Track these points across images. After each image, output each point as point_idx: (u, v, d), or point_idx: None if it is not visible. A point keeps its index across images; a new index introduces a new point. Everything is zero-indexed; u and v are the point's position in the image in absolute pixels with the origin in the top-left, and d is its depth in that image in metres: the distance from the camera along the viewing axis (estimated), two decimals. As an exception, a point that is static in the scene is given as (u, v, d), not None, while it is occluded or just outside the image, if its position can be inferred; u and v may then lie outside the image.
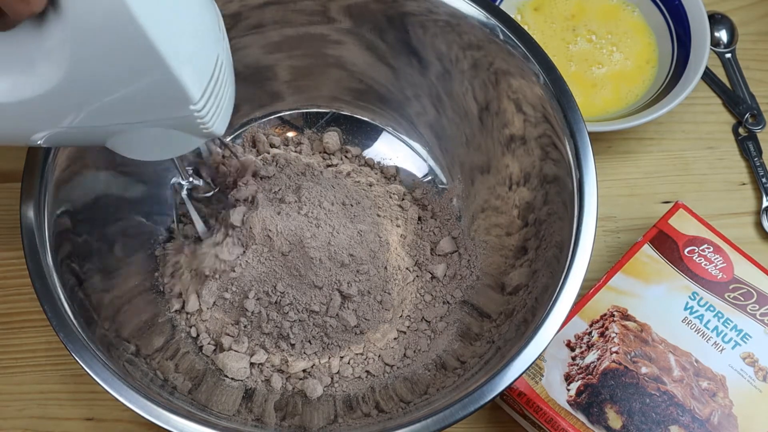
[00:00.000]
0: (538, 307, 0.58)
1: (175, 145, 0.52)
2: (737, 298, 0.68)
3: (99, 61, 0.44)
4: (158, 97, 0.46)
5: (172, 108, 0.47)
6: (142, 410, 0.53)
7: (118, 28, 0.42)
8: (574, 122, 0.59)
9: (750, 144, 0.79)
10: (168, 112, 0.47)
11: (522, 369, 0.54)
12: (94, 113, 0.47)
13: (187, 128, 0.49)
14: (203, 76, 0.47)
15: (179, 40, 0.44)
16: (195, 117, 0.47)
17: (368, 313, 0.66)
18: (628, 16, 0.82)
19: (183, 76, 0.45)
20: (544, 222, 0.63)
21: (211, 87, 0.48)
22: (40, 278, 0.55)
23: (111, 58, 0.43)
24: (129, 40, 0.42)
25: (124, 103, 0.46)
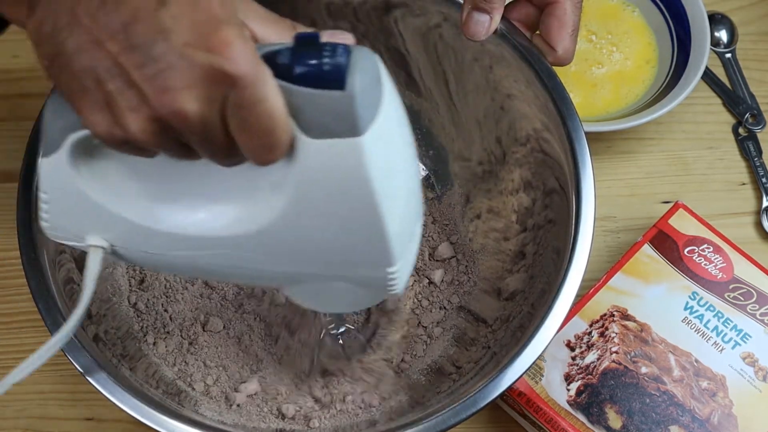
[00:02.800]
0: (534, 313, 0.58)
1: (353, 301, 0.53)
2: (737, 298, 0.68)
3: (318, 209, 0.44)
4: (362, 254, 0.46)
5: (370, 267, 0.47)
6: (134, 411, 0.53)
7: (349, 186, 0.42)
8: (573, 129, 0.59)
9: (750, 144, 0.79)
10: (365, 270, 0.48)
11: (519, 372, 0.54)
12: (295, 259, 0.48)
13: (374, 288, 0.50)
14: (405, 241, 0.47)
15: (396, 203, 0.45)
16: (387, 279, 0.48)
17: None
18: (628, 16, 0.82)
19: (392, 239, 0.45)
20: (542, 227, 0.63)
21: (407, 251, 0.48)
22: (35, 278, 0.55)
23: (331, 208, 0.44)
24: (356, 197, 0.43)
25: (327, 254, 0.47)
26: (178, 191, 0.47)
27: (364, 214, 0.43)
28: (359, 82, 0.40)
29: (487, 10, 0.59)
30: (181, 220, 0.47)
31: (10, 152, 0.74)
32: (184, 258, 0.49)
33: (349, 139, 0.40)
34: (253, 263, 0.48)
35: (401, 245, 0.47)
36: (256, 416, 0.62)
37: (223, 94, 0.39)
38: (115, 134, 0.41)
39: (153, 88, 0.39)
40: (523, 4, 0.62)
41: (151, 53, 0.38)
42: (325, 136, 0.41)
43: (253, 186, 0.45)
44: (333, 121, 0.40)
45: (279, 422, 0.62)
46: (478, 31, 0.60)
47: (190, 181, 0.46)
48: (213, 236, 0.46)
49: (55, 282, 0.57)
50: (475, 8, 0.59)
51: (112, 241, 0.48)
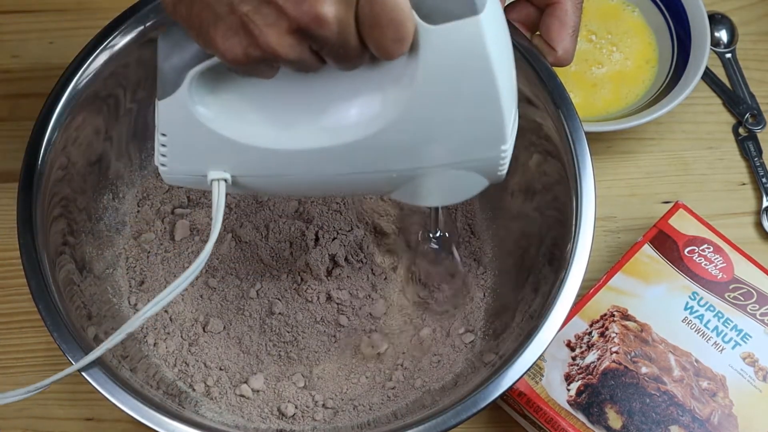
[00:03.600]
0: (534, 314, 0.58)
1: (464, 190, 0.54)
2: (737, 298, 0.68)
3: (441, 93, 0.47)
4: (481, 135, 0.49)
5: (487, 147, 0.50)
6: (134, 412, 0.53)
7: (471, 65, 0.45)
8: (573, 129, 0.59)
9: (750, 144, 0.79)
10: (482, 151, 0.50)
11: (520, 373, 0.54)
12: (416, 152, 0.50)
13: (486, 170, 0.52)
14: (513, 117, 0.50)
15: (508, 80, 0.48)
16: (500, 158, 0.50)
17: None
18: (628, 16, 0.82)
19: (507, 116, 0.48)
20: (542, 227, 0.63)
21: (515, 130, 0.51)
22: (36, 278, 0.55)
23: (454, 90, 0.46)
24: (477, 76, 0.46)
25: (448, 141, 0.49)
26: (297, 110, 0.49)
27: (484, 91, 0.46)
28: None
29: None
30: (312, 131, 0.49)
31: (10, 152, 0.74)
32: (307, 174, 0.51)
33: (470, 19, 0.44)
34: (374, 165, 0.50)
35: (511, 122, 0.49)
36: (256, 416, 0.62)
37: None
38: (252, 54, 0.43)
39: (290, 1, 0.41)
40: (523, 4, 0.62)
41: None
42: (446, 19, 0.44)
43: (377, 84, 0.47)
44: (453, 4, 0.43)
45: (279, 422, 0.62)
46: None
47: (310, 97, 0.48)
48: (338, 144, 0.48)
49: (55, 282, 0.57)
50: None
51: (233, 171, 0.50)
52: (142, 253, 0.68)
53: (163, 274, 0.67)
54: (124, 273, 0.67)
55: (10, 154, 0.74)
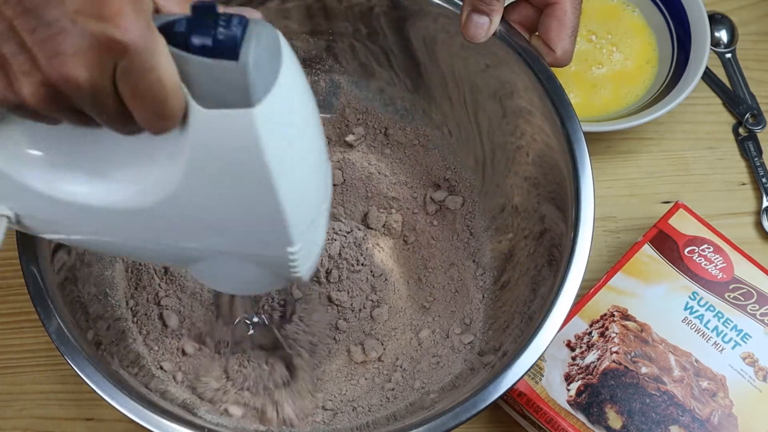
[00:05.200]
0: (534, 315, 0.58)
1: (257, 283, 0.52)
2: (737, 298, 0.68)
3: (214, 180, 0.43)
4: (260, 231, 0.46)
5: (269, 245, 0.47)
6: (133, 414, 0.53)
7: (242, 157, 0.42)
8: (572, 131, 0.59)
9: (750, 144, 0.79)
10: (265, 249, 0.47)
11: (519, 374, 0.54)
12: (194, 233, 0.47)
13: (277, 269, 0.49)
14: (306, 220, 0.47)
15: (295, 179, 0.44)
16: (288, 260, 0.47)
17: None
18: (628, 16, 0.82)
19: (289, 216, 0.44)
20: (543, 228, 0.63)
21: (310, 233, 0.47)
22: (34, 279, 0.55)
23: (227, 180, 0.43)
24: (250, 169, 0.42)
25: (225, 229, 0.46)
26: (78, 160, 0.46)
27: (258, 188, 0.43)
28: (254, 53, 0.39)
29: (487, 12, 0.59)
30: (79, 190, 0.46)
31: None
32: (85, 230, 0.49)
33: (242, 110, 0.40)
34: (152, 237, 0.48)
35: (301, 224, 0.46)
36: (254, 419, 0.62)
37: (114, 61, 0.39)
38: (9, 98, 0.41)
39: (44, 53, 0.39)
40: (523, 5, 0.62)
41: (44, 18, 0.38)
42: (218, 106, 0.40)
43: (151, 156, 0.44)
44: (226, 91, 0.40)
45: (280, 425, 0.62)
46: (477, 34, 0.60)
47: (89, 151, 0.46)
48: (110, 208, 0.46)
49: (54, 283, 0.57)
50: (474, 10, 0.59)
51: (17, 210, 0.48)
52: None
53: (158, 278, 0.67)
54: (122, 274, 0.67)
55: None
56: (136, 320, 0.65)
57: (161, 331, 0.65)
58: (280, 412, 0.62)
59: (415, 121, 0.72)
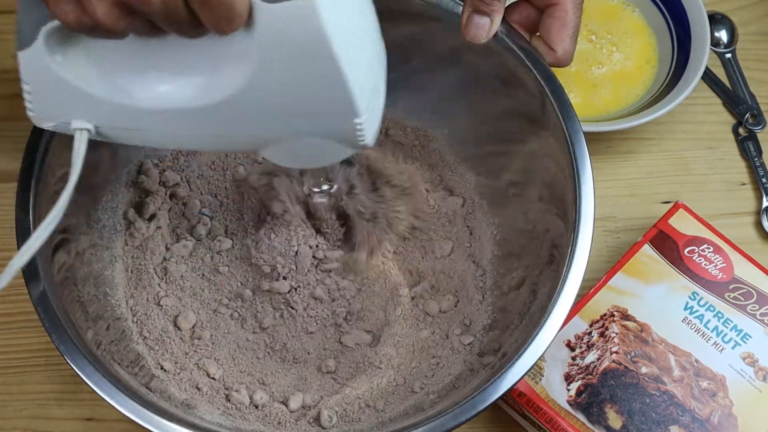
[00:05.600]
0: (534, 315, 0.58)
1: (328, 155, 0.54)
2: (737, 298, 0.68)
3: (283, 71, 0.46)
4: (329, 109, 0.48)
5: (338, 120, 0.49)
6: (132, 414, 0.53)
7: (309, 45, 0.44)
8: (573, 132, 0.59)
9: (750, 144, 0.79)
10: (334, 123, 0.50)
11: (519, 375, 0.54)
12: (266, 121, 0.50)
13: (345, 139, 0.51)
14: (369, 92, 0.49)
15: (357, 58, 0.47)
16: (356, 130, 0.50)
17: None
18: (628, 16, 0.82)
19: (356, 92, 0.47)
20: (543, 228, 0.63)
21: (372, 102, 0.50)
22: (34, 279, 0.55)
23: (295, 69, 0.46)
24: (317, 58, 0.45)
25: (296, 113, 0.49)
26: (147, 68, 0.49)
27: (325, 72, 0.46)
28: None
29: (488, 12, 0.59)
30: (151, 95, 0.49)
31: (10, 152, 0.74)
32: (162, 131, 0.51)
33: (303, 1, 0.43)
34: (226, 129, 0.50)
35: (365, 96, 0.49)
36: (255, 420, 0.62)
37: None
38: (83, 21, 0.43)
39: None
40: (524, 6, 0.62)
41: None
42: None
43: (219, 55, 0.47)
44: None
45: (280, 426, 0.62)
46: (478, 35, 0.60)
47: (158, 58, 0.48)
48: (183, 107, 0.49)
49: (54, 283, 0.57)
50: (475, 11, 0.59)
51: (95, 122, 0.51)
52: (140, 255, 0.68)
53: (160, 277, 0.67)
54: (122, 274, 0.67)
55: (10, 154, 0.74)
56: (136, 320, 0.65)
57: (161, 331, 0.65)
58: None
59: (416, 121, 0.72)
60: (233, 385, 0.64)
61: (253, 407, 0.63)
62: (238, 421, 0.62)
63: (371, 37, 0.50)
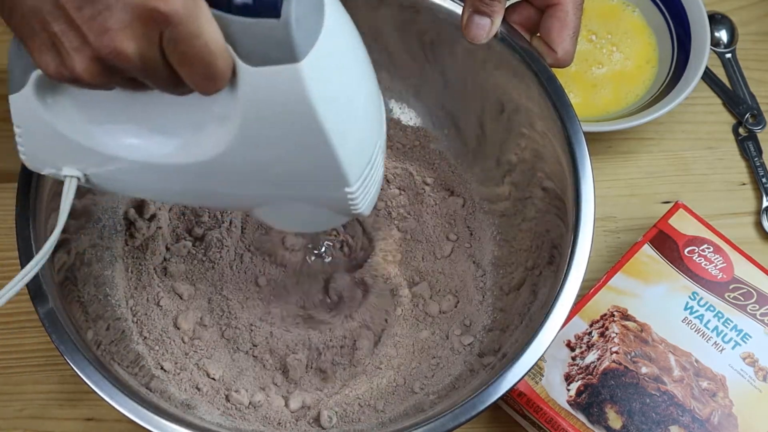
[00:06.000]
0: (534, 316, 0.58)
1: (320, 221, 0.54)
2: (737, 298, 0.68)
3: (267, 136, 0.45)
4: (317, 177, 0.47)
5: (327, 188, 0.48)
6: (132, 414, 0.53)
7: (293, 112, 0.43)
8: (573, 132, 0.59)
9: (750, 144, 0.79)
10: (323, 191, 0.49)
11: (519, 375, 0.54)
12: (252, 184, 0.49)
13: (337, 207, 0.50)
14: (362, 161, 0.48)
15: (347, 125, 0.45)
16: (348, 199, 0.48)
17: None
18: (628, 16, 0.82)
19: (345, 161, 0.46)
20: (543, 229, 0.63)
21: (367, 171, 0.49)
22: (34, 279, 0.55)
23: (280, 135, 0.45)
24: (301, 122, 0.44)
25: (282, 177, 0.48)
26: (134, 121, 0.48)
27: (310, 138, 0.44)
28: (295, 9, 0.40)
29: (488, 13, 0.59)
30: (137, 148, 0.48)
31: (10, 152, 0.74)
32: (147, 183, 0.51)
33: (288, 66, 0.41)
34: (210, 188, 0.50)
35: (357, 166, 0.47)
36: (255, 420, 0.62)
37: (159, 31, 0.40)
38: (64, 74, 0.43)
39: (92, 30, 0.40)
40: (524, 6, 0.62)
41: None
42: (264, 63, 0.42)
43: (204, 114, 0.46)
44: (271, 48, 0.41)
45: (280, 427, 0.62)
46: (478, 35, 0.60)
47: (144, 112, 0.48)
48: (167, 163, 0.48)
49: (54, 283, 0.57)
50: (475, 11, 0.59)
51: (84, 170, 0.51)
52: (140, 255, 0.68)
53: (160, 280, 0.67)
54: (122, 274, 0.67)
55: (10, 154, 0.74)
56: (136, 320, 0.65)
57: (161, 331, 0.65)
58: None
59: (416, 122, 0.72)
60: (233, 385, 0.64)
61: (252, 407, 0.63)
62: (238, 422, 0.62)
63: (366, 99, 0.48)
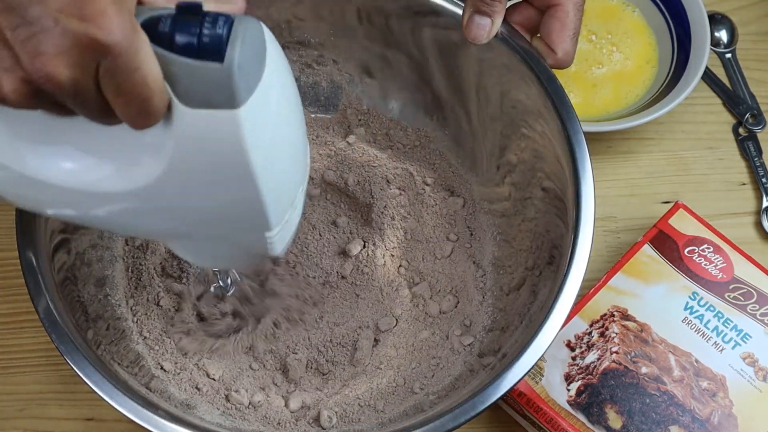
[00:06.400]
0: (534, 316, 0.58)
1: (234, 260, 0.53)
2: (737, 298, 0.68)
3: (196, 174, 0.44)
4: (239, 219, 0.47)
5: (247, 230, 0.48)
6: (132, 414, 0.53)
7: (226, 157, 0.42)
8: (573, 133, 0.59)
9: (750, 144, 0.79)
10: (243, 233, 0.48)
11: (519, 376, 0.54)
12: (174, 219, 0.48)
13: (253, 248, 0.50)
14: (285, 205, 0.48)
15: (275, 172, 0.45)
16: (266, 241, 0.48)
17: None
18: (628, 16, 0.82)
19: (270, 207, 0.45)
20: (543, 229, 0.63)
21: (287, 215, 0.48)
22: (34, 279, 0.55)
23: (208, 175, 0.44)
24: (232, 167, 0.43)
25: (205, 217, 0.47)
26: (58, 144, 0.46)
27: (240, 183, 0.43)
28: (239, 55, 0.39)
29: (489, 13, 0.59)
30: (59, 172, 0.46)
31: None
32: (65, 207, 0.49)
33: (226, 111, 0.40)
34: (129, 218, 0.48)
35: (280, 211, 0.47)
36: (255, 420, 0.62)
37: (96, 61, 0.39)
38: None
39: (26, 51, 0.39)
40: (525, 6, 0.62)
41: (27, 16, 0.38)
42: (202, 106, 0.40)
43: (133, 145, 0.44)
44: (210, 92, 0.40)
45: (280, 427, 0.62)
46: (479, 35, 0.60)
47: (67, 135, 0.46)
48: (89, 190, 0.46)
49: (54, 283, 0.57)
50: (476, 11, 0.59)
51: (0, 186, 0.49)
52: (140, 254, 0.68)
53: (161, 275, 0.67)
54: (122, 274, 0.67)
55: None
56: (136, 320, 0.65)
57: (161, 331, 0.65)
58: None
59: (417, 122, 0.72)
60: (233, 385, 0.64)
61: (252, 407, 0.63)
62: (238, 422, 0.62)
63: (296, 149, 0.47)
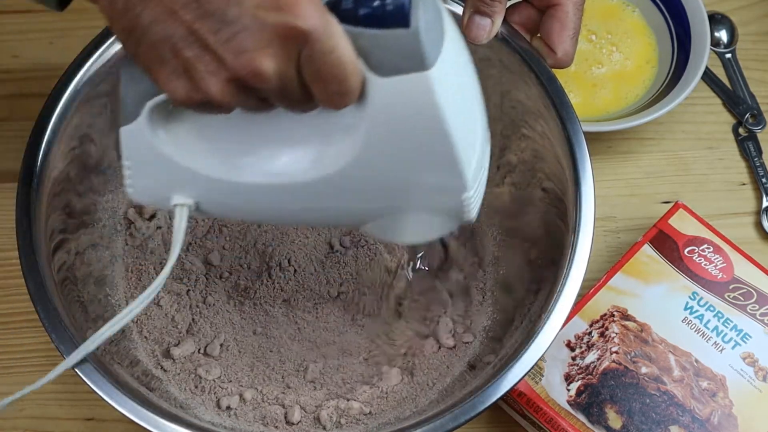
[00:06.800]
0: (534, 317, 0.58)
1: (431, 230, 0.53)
2: (737, 298, 0.68)
3: (393, 144, 0.45)
4: (438, 184, 0.48)
5: (446, 195, 0.49)
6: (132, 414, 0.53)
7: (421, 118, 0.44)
8: (573, 133, 0.59)
9: (750, 144, 0.79)
10: (442, 198, 0.49)
11: (519, 376, 0.54)
12: (373, 195, 0.49)
13: (451, 214, 0.50)
14: (476, 165, 0.49)
15: (466, 131, 0.46)
16: (462, 205, 0.49)
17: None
18: (628, 16, 0.82)
19: (465, 166, 0.47)
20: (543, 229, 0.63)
21: (479, 177, 0.49)
22: (34, 279, 0.55)
23: (405, 142, 0.45)
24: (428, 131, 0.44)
25: (405, 187, 0.48)
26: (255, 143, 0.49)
27: (437, 145, 0.45)
28: (423, 18, 0.41)
29: (489, 13, 0.59)
30: (261, 170, 0.49)
31: (10, 152, 0.74)
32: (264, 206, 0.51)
33: (419, 74, 0.42)
34: (333, 203, 0.50)
35: (474, 171, 0.48)
36: (255, 420, 0.62)
37: (297, 50, 0.41)
38: (194, 98, 0.43)
39: (230, 51, 0.41)
40: (525, 6, 0.62)
41: (225, 18, 0.40)
42: (394, 73, 0.42)
43: (328, 129, 0.47)
44: (401, 58, 0.42)
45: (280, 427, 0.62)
46: (479, 35, 0.60)
47: (265, 133, 0.48)
48: (293, 182, 0.48)
49: (54, 283, 0.57)
50: (476, 12, 0.59)
51: (195, 198, 0.50)
52: (140, 254, 0.68)
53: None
54: (122, 274, 0.67)
55: (10, 154, 0.74)
56: (136, 320, 0.65)
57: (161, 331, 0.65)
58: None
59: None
60: (233, 386, 0.64)
61: (252, 407, 0.63)
62: (237, 422, 0.62)
63: (478, 110, 0.49)
